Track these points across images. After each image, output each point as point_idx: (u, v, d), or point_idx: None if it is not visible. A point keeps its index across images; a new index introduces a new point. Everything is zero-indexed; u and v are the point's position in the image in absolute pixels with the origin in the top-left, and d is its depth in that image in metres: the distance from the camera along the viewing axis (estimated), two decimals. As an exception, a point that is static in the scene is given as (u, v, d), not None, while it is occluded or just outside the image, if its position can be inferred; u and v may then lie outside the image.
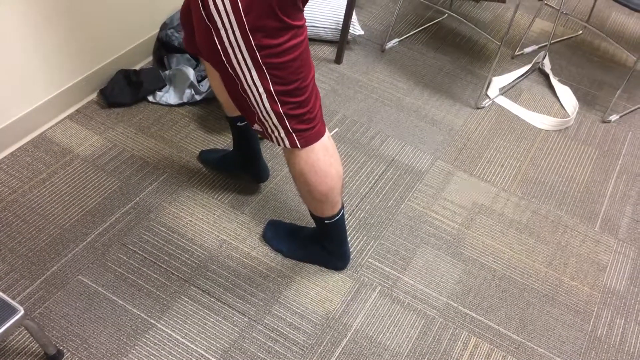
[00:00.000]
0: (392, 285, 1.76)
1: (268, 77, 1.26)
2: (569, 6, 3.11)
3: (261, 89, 1.29)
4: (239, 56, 1.23)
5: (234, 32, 1.19)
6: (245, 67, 1.25)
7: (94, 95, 2.17)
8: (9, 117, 1.90)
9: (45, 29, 1.86)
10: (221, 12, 1.16)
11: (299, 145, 1.40)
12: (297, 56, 1.26)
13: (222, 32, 1.20)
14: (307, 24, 2.47)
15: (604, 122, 2.46)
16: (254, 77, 1.27)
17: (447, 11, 2.88)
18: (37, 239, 1.73)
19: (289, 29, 1.21)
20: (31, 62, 1.88)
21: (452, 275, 1.82)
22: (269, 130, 1.40)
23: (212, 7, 1.16)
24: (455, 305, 1.74)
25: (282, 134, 1.38)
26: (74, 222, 1.79)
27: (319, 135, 1.43)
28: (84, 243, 1.74)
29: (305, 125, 1.38)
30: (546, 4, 3.01)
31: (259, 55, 1.22)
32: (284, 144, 1.41)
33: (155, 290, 1.66)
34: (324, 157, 1.45)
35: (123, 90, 2.15)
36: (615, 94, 2.53)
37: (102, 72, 2.16)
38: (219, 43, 1.23)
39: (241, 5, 1.14)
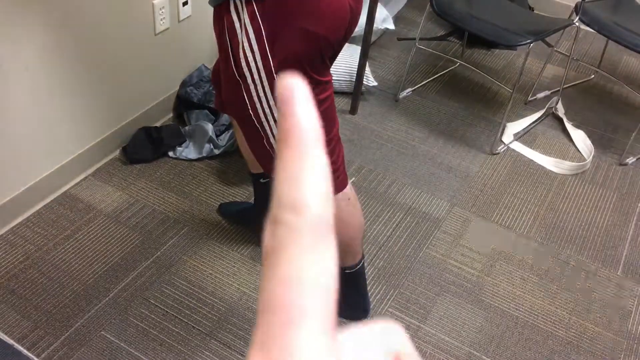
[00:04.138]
0: (413, 335, 1.75)
1: None
2: (579, 52, 3.15)
3: None
4: (267, 110, 1.28)
5: (263, 87, 1.24)
6: (272, 120, 1.29)
7: (116, 153, 2.24)
8: (36, 176, 1.96)
9: (70, 91, 1.94)
10: (252, 69, 1.21)
11: None
12: (324, 110, 1.31)
13: (252, 87, 1.25)
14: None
15: (621, 165, 2.46)
16: None
17: (459, 60, 2.93)
18: (61, 296, 1.76)
19: (317, 84, 1.26)
20: (57, 123, 1.95)
21: (474, 323, 1.80)
22: None
23: (243, 63, 1.21)
24: (478, 354, 1.72)
25: None
26: (97, 278, 1.82)
27: (342, 186, 1.46)
28: (107, 298, 1.76)
29: None
30: (556, 51, 3.06)
31: None
32: None
33: (177, 345, 1.67)
34: (347, 207, 1.48)
35: (144, 146, 2.21)
36: (631, 136, 2.54)
37: (124, 130, 2.22)
38: (247, 98, 1.27)
39: (273, 63, 1.19)
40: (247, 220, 2.00)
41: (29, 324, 1.68)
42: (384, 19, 2.79)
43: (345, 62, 2.58)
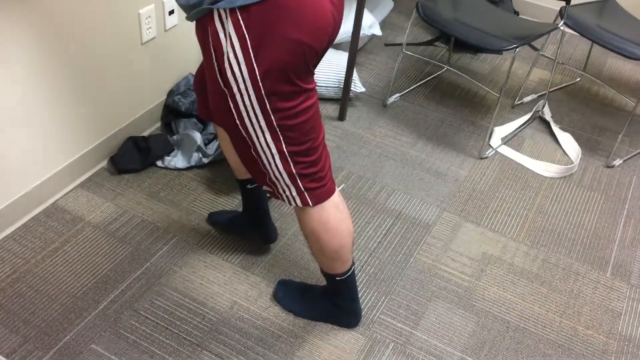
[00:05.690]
0: (405, 342, 1.75)
1: (281, 138, 1.31)
2: (564, 55, 3.18)
3: (274, 150, 1.33)
4: (254, 119, 1.28)
5: (249, 96, 1.24)
6: (259, 129, 1.29)
7: (104, 163, 2.22)
8: (22, 188, 1.94)
9: (57, 101, 1.93)
10: (237, 78, 1.21)
11: (310, 203, 1.43)
12: (309, 117, 1.31)
13: (238, 97, 1.25)
14: (309, 84, 2.53)
15: (608, 167, 2.48)
16: (267, 139, 1.31)
17: (446, 65, 2.95)
18: (50, 309, 1.74)
19: (302, 92, 1.26)
20: (44, 134, 1.93)
21: (466, 328, 1.80)
22: (280, 190, 1.43)
23: (229, 73, 1.21)
24: (470, 359, 1.72)
25: (294, 193, 1.41)
26: (86, 290, 1.80)
27: (330, 193, 1.46)
28: (96, 311, 1.75)
29: (316, 184, 1.41)
30: (542, 55, 3.08)
31: (274, 117, 1.27)
32: (296, 203, 1.43)
33: (168, 357, 1.65)
34: (335, 214, 1.48)
35: (132, 156, 2.19)
36: (617, 138, 2.56)
37: (112, 140, 2.21)
38: (233, 107, 1.27)
39: (258, 72, 1.19)
40: (237, 228, 1.99)
41: (17, 339, 1.66)
42: (370, 24, 2.80)
43: (332, 69, 2.58)
